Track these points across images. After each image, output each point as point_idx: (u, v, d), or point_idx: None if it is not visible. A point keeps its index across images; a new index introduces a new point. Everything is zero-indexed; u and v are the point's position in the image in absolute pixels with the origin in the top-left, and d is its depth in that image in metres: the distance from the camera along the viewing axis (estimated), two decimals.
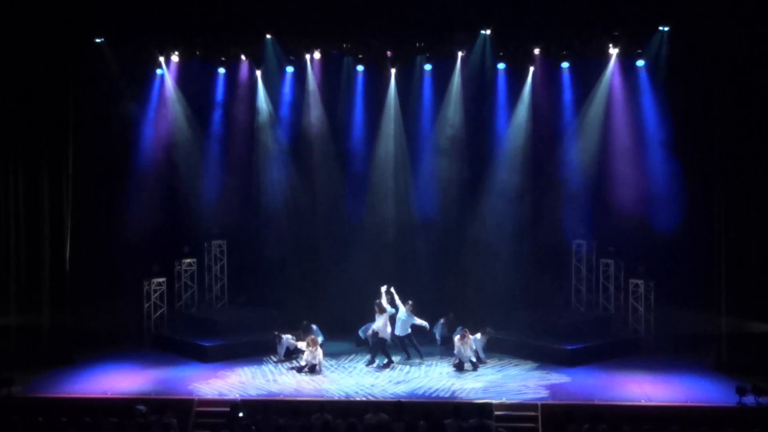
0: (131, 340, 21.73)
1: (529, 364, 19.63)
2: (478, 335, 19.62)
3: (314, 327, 20.36)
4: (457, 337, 19.36)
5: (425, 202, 22.79)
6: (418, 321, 19.97)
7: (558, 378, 18.60)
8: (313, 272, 22.83)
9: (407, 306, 19.96)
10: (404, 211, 22.89)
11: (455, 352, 19.35)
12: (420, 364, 19.77)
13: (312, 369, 19.13)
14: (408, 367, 19.63)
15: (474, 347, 19.41)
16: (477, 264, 22.22)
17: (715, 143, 19.61)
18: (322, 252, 23.09)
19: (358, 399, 17.18)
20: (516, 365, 19.67)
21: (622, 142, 21.64)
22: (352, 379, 18.78)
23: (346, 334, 21.29)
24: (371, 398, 17.19)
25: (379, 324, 19.61)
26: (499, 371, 19.22)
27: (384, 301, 19.68)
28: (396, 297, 19.99)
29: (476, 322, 20.21)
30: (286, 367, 19.63)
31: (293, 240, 23.06)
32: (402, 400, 16.50)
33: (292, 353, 19.93)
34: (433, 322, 20.56)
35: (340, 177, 23.14)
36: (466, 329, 19.36)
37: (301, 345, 19.47)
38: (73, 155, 20.83)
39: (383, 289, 19.93)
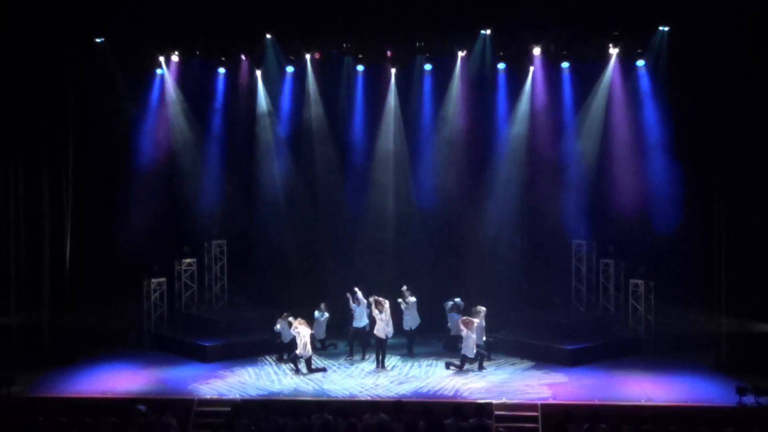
0: (131, 340, 21.74)
1: (529, 364, 19.63)
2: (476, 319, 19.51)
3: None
4: (464, 331, 19.13)
5: (426, 204, 22.81)
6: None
7: (558, 378, 18.60)
8: (313, 270, 22.81)
9: (370, 301, 19.97)
10: (404, 213, 22.91)
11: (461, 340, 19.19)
12: (351, 362, 19.91)
13: (309, 363, 19.07)
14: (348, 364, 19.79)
15: (479, 338, 19.27)
16: (476, 264, 22.22)
17: (714, 143, 19.62)
18: (322, 249, 23.10)
19: (358, 399, 17.17)
20: (516, 365, 19.67)
21: (622, 142, 21.65)
22: (352, 378, 18.79)
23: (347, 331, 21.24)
24: (371, 398, 17.17)
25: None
26: (499, 371, 19.22)
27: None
28: (360, 294, 20.11)
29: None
30: (285, 366, 19.62)
31: (293, 239, 23.09)
32: (402, 400, 16.49)
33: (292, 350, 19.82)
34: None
35: (340, 176, 23.20)
36: (469, 318, 19.31)
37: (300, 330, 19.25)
38: (73, 155, 20.85)
39: (356, 288, 20.20)
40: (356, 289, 20.19)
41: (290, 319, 19.41)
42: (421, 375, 19.00)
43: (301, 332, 19.04)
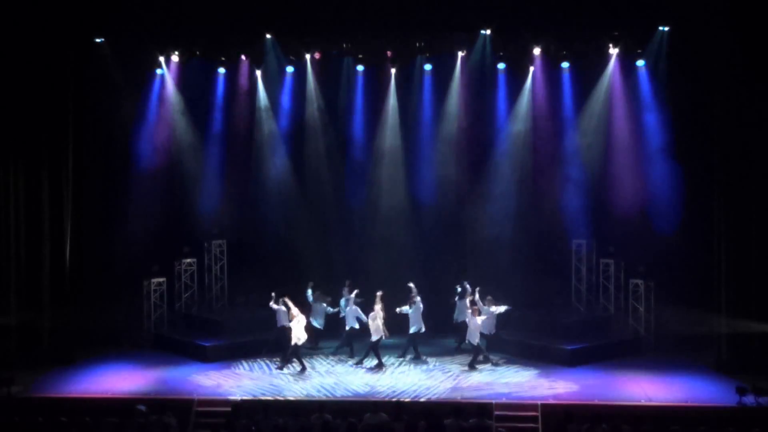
0: (131, 340, 21.73)
1: (530, 364, 19.62)
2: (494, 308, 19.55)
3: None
4: (468, 316, 19.24)
5: (426, 205, 22.82)
6: (362, 315, 20.00)
7: (558, 378, 18.59)
8: (314, 268, 22.76)
9: (351, 298, 20.17)
10: (405, 213, 22.93)
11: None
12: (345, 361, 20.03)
13: (295, 353, 19.14)
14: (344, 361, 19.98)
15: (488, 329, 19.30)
16: (475, 263, 22.22)
17: (715, 143, 19.62)
18: (322, 248, 23.06)
19: (358, 399, 17.17)
20: (516, 365, 19.66)
21: (622, 142, 21.67)
22: (351, 378, 18.78)
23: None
24: (371, 398, 17.17)
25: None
26: (499, 371, 19.22)
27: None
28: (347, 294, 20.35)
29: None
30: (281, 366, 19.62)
31: (293, 238, 23.07)
32: (402, 400, 16.48)
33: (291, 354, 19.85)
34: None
35: (340, 175, 23.20)
36: (476, 303, 19.38)
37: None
38: (73, 155, 20.86)
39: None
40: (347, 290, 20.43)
41: (288, 303, 19.48)
42: (422, 375, 18.99)
43: (298, 322, 19.12)
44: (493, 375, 18.90)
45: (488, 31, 21.32)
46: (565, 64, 21.63)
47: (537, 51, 21.37)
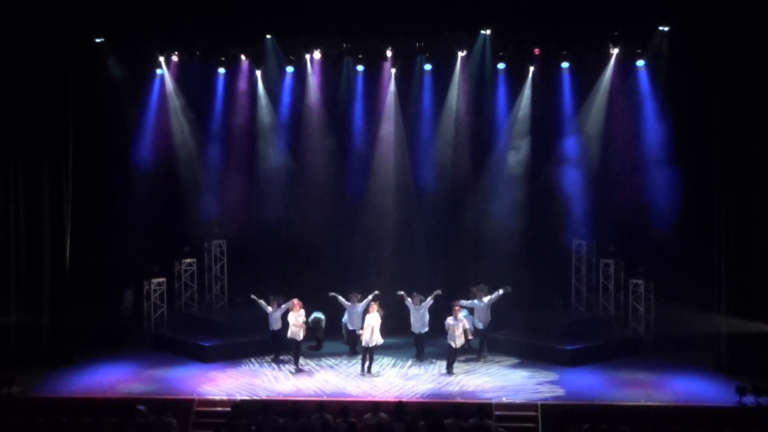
0: (131, 340, 21.73)
1: (530, 364, 19.61)
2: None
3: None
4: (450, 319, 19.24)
5: (426, 205, 22.83)
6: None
7: (558, 378, 18.59)
8: (313, 269, 22.79)
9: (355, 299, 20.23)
10: (405, 214, 22.93)
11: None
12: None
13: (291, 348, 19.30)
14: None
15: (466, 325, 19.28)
16: (475, 264, 22.23)
17: (714, 142, 19.62)
18: (322, 248, 23.04)
19: (358, 399, 17.17)
20: (516, 365, 19.66)
21: (622, 142, 21.65)
22: (352, 378, 18.78)
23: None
24: (371, 398, 17.17)
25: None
26: (499, 371, 19.22)
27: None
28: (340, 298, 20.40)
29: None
30: (283, 366, 19.64)
31: (293, 238, 23.06)
32: (402, 400, 16.49)
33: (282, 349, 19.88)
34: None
35: (341, 176, 23.16)
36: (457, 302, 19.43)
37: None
38: (73, 155, 20.85)
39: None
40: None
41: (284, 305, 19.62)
42: (421, 375, 18.99)
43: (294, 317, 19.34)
44: (492, 375, 18.90)
45: (488, 31, 21.32)
46: (565, 64, 21.61)
47: (537, 51, 21.36)
